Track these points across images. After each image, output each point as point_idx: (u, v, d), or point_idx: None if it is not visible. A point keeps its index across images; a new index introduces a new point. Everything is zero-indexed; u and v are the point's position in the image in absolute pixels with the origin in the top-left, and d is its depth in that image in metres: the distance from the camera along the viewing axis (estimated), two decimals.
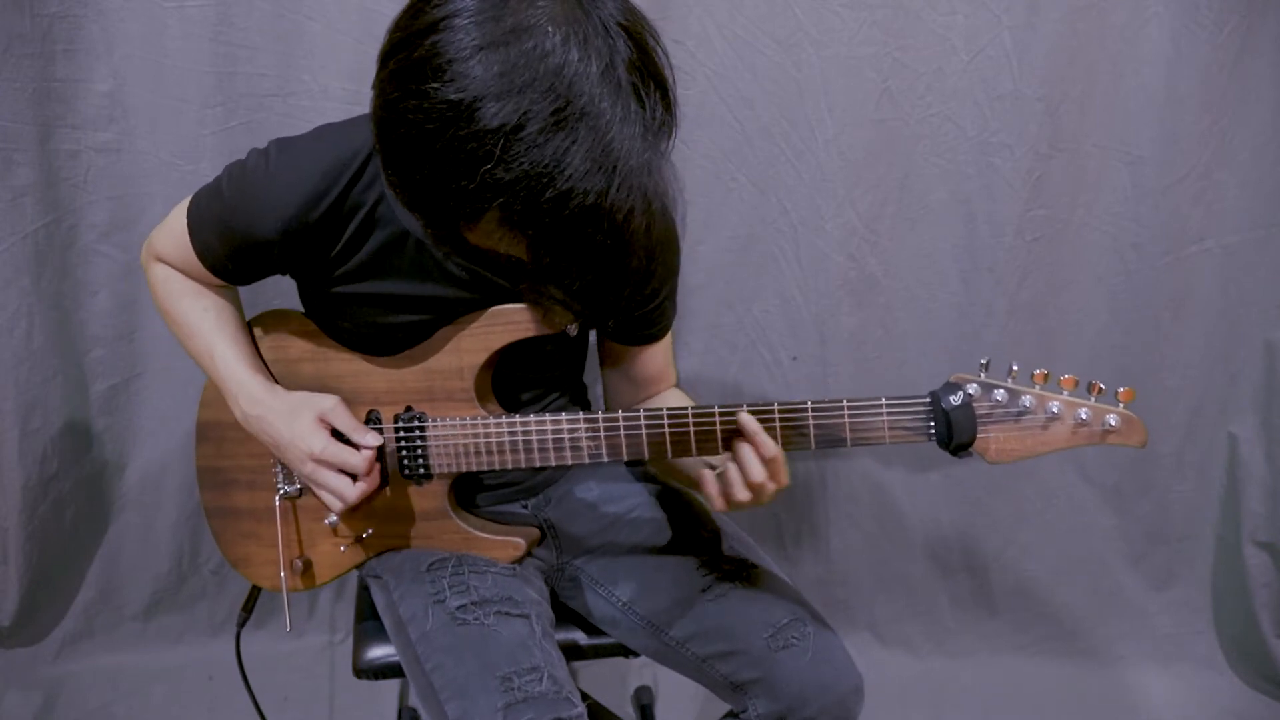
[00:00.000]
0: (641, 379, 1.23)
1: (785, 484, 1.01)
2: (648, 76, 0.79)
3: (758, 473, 0.99)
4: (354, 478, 1.06)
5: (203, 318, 1.13)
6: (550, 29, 0.75)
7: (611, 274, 0.87)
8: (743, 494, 1.00)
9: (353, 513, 1.11)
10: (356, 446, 1.07)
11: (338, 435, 1.08)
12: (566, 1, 0.77)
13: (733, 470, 1.00)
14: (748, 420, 0.99)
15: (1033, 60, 1.55)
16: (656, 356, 1.22)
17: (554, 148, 0.75)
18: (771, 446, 0.99)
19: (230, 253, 1.07)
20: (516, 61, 0.74)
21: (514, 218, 0.79)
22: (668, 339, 1.22)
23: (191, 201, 1.10)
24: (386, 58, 0.81)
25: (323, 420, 1.07)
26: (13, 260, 1.56)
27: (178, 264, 1.13)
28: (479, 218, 0.81)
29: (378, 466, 1.09)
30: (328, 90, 1.51)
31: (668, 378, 1.25)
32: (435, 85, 0.75)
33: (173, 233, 1.11)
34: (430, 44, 0.76)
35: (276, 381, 1.15)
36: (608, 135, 0.76)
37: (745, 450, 1.00)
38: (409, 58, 0.78)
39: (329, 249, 1.03)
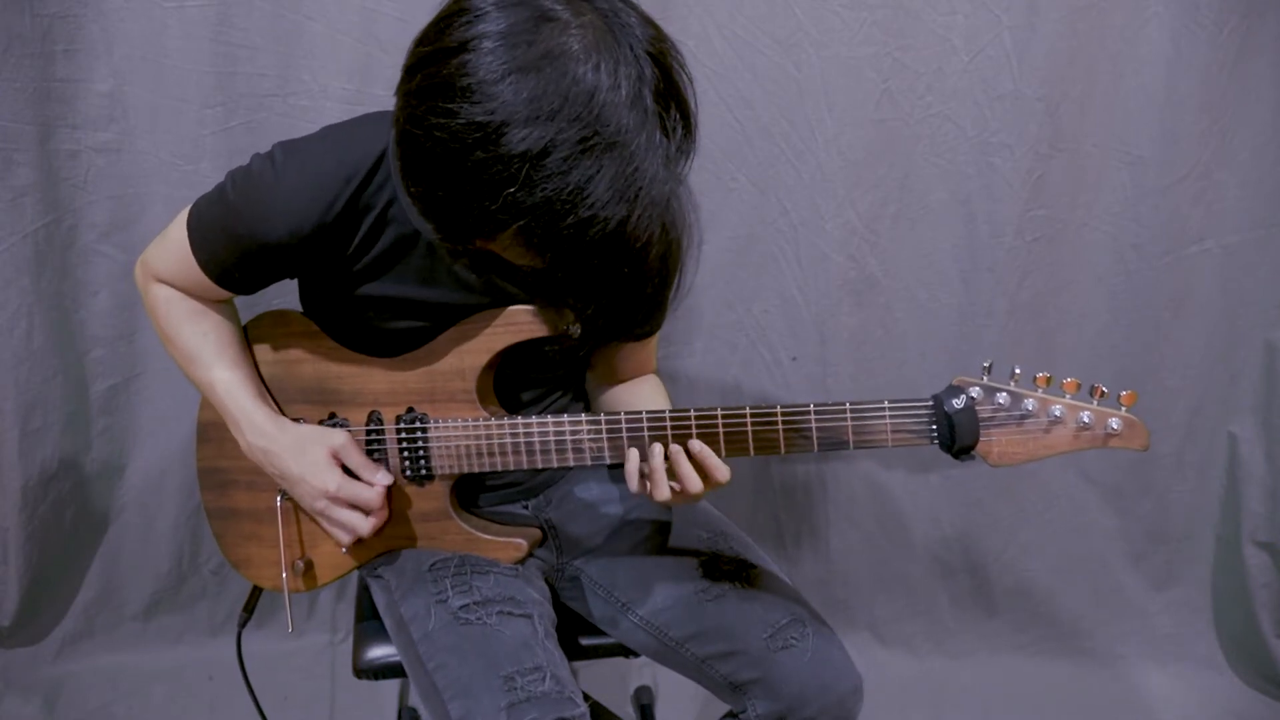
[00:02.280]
0: (623, 367, 1.25)
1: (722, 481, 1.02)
2: (672, 103, 0.80)
3: (695, 484, 1.00)
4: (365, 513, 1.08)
5: (203, 343, 1.11)
6: (582, 56, 0.75)
7: (626, 296, 0.87)
8: (664, 493, 1.01)
9: None
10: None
11: (347, 472, 1.09)
12: (598, 28, 0.77)
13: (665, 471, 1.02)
14: (698, 447, 1.00)
15: (1033, 60, 1.55)
16: (642, 350, 1.24)
17: (578, 175, 0.75)
18: (724, 472, 1.00)
19: (238, 260, 1.05)
20: (546, 88, 0.74)
21: (533, 239, 0.80)
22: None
23: (191, 212, 1.07)
24: (413, 70, 0.80)
25: (335, 457, 1.08)
26: (13, 260, 1.55)
27: (177, 280, 1.10)
28: (496, 236, 0.81)
29: (387, 502, 1.10)
30: (328, 90, 1.51)
31: (648, 366, 1.28)
32: (463, 105, 0.75)
33: (172, 246, 1.08)
34: (458, 63, 0.76)
35: (273, 392, 1.15)
36: (632, 165, 0.76)
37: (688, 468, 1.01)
38: (437, 74, 0.77)
39: (343, 249, 1.02)
